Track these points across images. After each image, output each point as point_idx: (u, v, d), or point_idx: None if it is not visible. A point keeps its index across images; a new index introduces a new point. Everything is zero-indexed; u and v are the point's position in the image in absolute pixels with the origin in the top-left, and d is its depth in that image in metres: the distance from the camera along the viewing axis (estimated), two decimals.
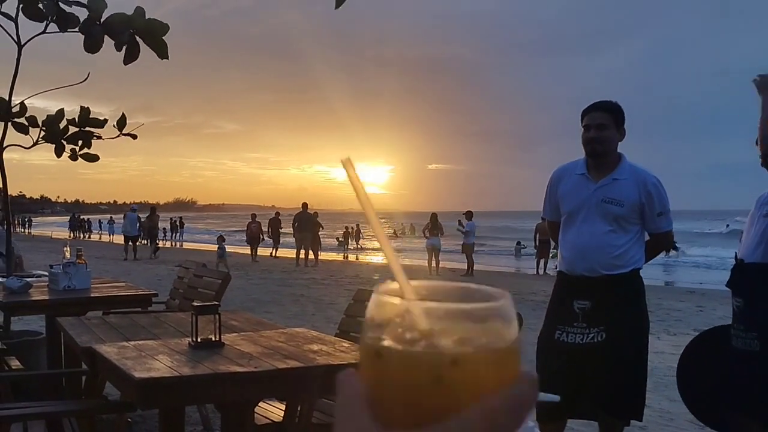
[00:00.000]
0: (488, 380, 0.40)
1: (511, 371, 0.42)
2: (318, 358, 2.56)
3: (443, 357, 0.40)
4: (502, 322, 0.42)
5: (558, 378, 3.47)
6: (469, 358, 0.40)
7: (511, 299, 0.43)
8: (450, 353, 0.40)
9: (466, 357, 0.40)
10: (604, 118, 3.53)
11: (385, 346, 0.41)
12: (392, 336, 0.41)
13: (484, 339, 0.41)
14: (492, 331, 0.41)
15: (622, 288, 3.51)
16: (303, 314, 10.65)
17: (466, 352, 0.40)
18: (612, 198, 3.50)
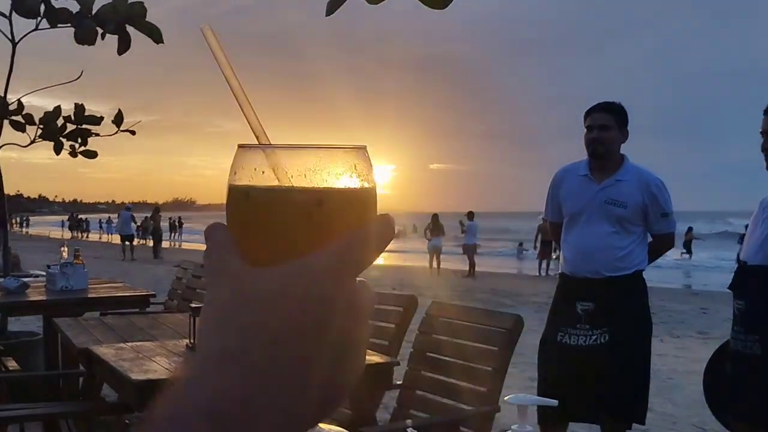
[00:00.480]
0: (349, 219, 0.43)
1: (371, 213, 0.45)
2: None
3: (309, 195, 0.42)
4: (361, 169, 0.45)
5: (560, 380, 3.45)
6: (333, 197, 0.43)
7: (366, 153, 0.46)
8: (315, 192, 0.43)
9: (330, 196, 0.43)
10: (606, 119, 3.50)
11: (253, 187, 0.43)
12: (258, 179, 0.44)
13: (344, 182, 0.44)
14: (350, 175, 0.44)
15: (625, 290, 3.49)
16: None
17: (330, 192, 0.43)
18: (615, 199, 3.47)
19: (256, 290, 0.40)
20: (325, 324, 0.39)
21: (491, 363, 2.92)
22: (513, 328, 2.96)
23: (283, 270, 0.40)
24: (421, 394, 3.17)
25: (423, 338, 3.31)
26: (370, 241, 0.42)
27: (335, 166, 0.44)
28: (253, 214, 0.43)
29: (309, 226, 0.42)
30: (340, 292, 0.40)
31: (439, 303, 3.47)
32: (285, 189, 0.43)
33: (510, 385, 6.11)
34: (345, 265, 0.41)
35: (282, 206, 0.42)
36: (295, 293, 0.39)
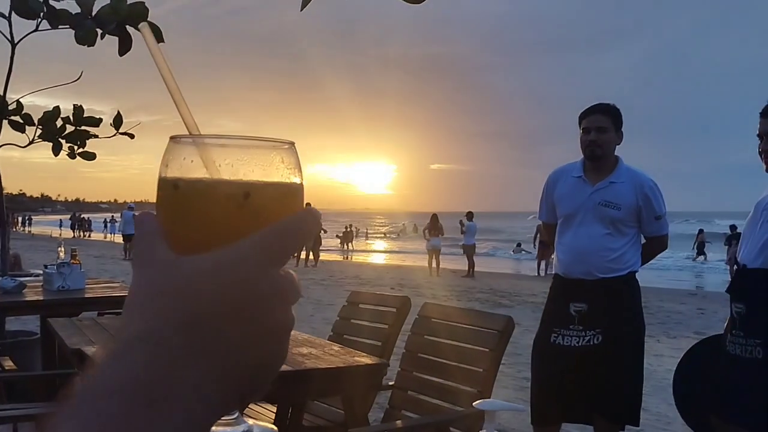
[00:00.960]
0: (276, 212, 0.44)
1: (296, 206, 0.46)
2: (306, 362, 2.54)
3: (236, 187, 0.44)
4: (288, 163, 0.46)
5: (554, 381, 3.47)
6: (260, 190, 0.44)
7: (294, 148, 0.47)
8: (242, 185, 0.44)
9: (257, 189, 0.44)
10: (603, 121, 3.51)
11: (182, 178, 0.44)
12: (187, 170, 0.44)
13: (272, 175, 0.45)
14: (277, 169, 0.45)
15: (618, 291, 3.49)
16: (301, 315, 10.62)
17: (257, 185, 0.44)
18: (609, 201, 3.48)
19: (177, 276, 0.40)
20: (243, 311, 0.40)
21: (483, 364, 2.94)
22: (504, 329, 2.98)
23: (205, 257, 0.41)
24: (413, 394, 3.19)
25: (415, 339, 3.33)
26: (294, 232, 0.43)
27: (264, 159, 0.45)
28: (181, 204, 0.44)
29: (236, 217, 0.43)
30: (261, 280, 0.41)
31: (432, 304, 3.49)
32: (213, 180, 0.44)
33: (507, 386, 6.18)
34: (267, 255, 0.41)
35: (209, 197, 0.43)
36: (214, 280, 0.40)
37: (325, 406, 3.46)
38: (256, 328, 0.41)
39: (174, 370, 0.38)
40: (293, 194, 0.46)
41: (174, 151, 0.46)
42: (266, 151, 0.45)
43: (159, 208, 0.46)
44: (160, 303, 0.40)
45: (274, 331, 0.42)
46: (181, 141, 0.46)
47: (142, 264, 0.43)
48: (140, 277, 0.42)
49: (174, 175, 0.45)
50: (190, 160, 0.44)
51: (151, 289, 0.41)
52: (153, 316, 0.40)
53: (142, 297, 0.41)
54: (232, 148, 0.45)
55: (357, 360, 2.67)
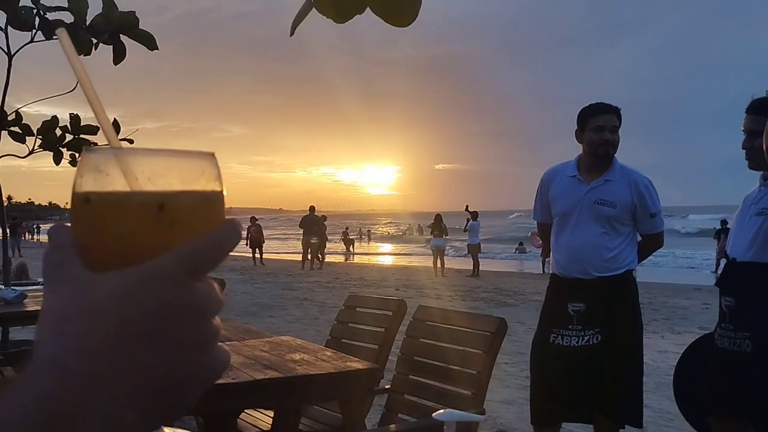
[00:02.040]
0: (193, 223, 0.43)
1: (216, 218, 0.44)
2: (298, 368, 2.55)
3: (150, 198, 0.42)
4: (208, 174, 0.44)
5: (554, 381, 3.46)
6: (175, 201, 0.42)
7: (215, 159, 0.45)
8: (156, 195, 0.42)
9: (172, 199, 0.42)
10: (616, 121, 3.53)
11: (93, 192, 0.42)
12: (100, 183, 0.42)
13: (188, 186, 0.43)
14: (196, 180, 0.44)
15: (615, 289, 3.49)
16: (306, 318, 10.64)
17: (172, 195, 0.42)
18: (604, 199, 3.48)
19: (89, 298, 0.39)
20: (160, 330, 0.39)
21: (477, 366, 2.94)
22: (498, 330, 2.98)
23: (121, 276, 0.40)
24: (409, 398, 3.19)
25: (410, 342, 3.33)
26: (213, 245, 0.42)
27: (181, 170, 0.43)
28: (94, 218, 0.42)
29: (151, 230, 0.41)
30: (179, 296, 0.40)
31: (426, 307, 3.49)
32: (125, 192, 0.42)
33: (509, 385, 6.18)
34: (185, 270, 0.40)
35: (122, 210, 0.42)
36: (128, 301, 0.39)
37: (324, 411, 3.47)
38: (176, 345, 0.40)
39: (90, 394, 0.38)
40: (212, 204, 0.44)
41: (87, 163, 0.44)
42: (184, 161, 0.44)
43: (73, 222, 0.44)
44: (72, 327, 0.39)
45: (197, 346, 0.41)
46: (94, 152, 0.44)
47: (54, 281, 0.41)
48: (52, 295, 0.41)
49: (86, 188, 0.43)
50: (104, 172, 0.43)
51: (64, 310, 0.40)
52: (65, 340, 0.39)
53: (54, 318, 0.40)
54: (147, 158, 0.43)
55: (349, 365, 2.68)
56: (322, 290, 14.99)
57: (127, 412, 0.38)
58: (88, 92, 0.47)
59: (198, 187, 0.44)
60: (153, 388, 0.40)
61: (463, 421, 1.43)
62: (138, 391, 0.39)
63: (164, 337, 0.40)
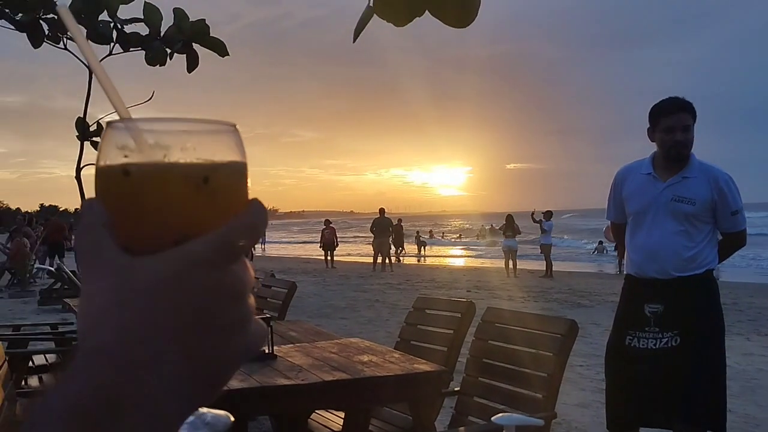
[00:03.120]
0: (230, 197, 0.42)
1: (247, 192, 0.43)
2: (365, 370, 2.56)
3: (196, 170, 0.40)
4: (238, 143, 0.43)
5: (630, 384, 3.37)
6: (219, 172, 0.41)
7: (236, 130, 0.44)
8: (202, 167, 0.41)
9: (216, 171, 0.41)
10: (688, 120, 3.39)
11: (133, 163, 0.40)
12: (138, 155, 0.40)
13: (227, 157, 0.42)
14: (232, 151, 0.43)
15: (695, 290, 3.36)
16: (377, 319, 10.70)
17: (216, 167, 0.41)
18: (683, 196, 3.36)
19: (132, 284, 0.39)
20: (203, 314, 0.40)
21: (547, 369, 2.89)
22: (568, 333, 2.92)
23: (159, 261, 0.40)
24: (479, 400, 3.17)
25: (479, 344, 3.31)
26: (249, 227, 0.42)
27: (216, 141, 0.42)
28: (133, 193, 0.40)
29: (192, 203, 0.40)
30: (218, 281, 0.40)
31: (494, 309, 3.46)
32: (169, 164, 0.40)
33: (584, 388, 6.05)
34: (223, 254, 0.41)
35: (166, 182, 0.40)
36: (171, 286, 0.39)
37: (394, 412, 3.48)
38: (217, 328, 0.40)
39: (136, 383, 0.38)
40: (246, 176, 0.44)
41: (114, 136, 0.41)
42: (217, 131, 0.42)
43: (105, 197, 0.42)
44: (116, 315, 0.39)
45: (236, 327, 0.42)
46: (123, 126, 0.42)
47: (91, 265, 0.41)
48: (91, 282, 0.41)
49: (123, 160, 0.40)
50: (138, 144, 0.40)
51: (105, 299, 0.40)
52: (109, 328, 0.39)
53: (95, 307, 0.40)
54: (182, 129, 0.41)
55: (417, 368, 2.68)
56: (393, 292, 15.04)
57: (173, 397, 0.39)
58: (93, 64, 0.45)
59: (236, 158, 0.43)
60: (197, 373, 0.40)
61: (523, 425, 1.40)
62: (184, 376, 0.40)
63: (206, 321, 0.40)
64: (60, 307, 11.00)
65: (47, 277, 14.65)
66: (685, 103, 3.45)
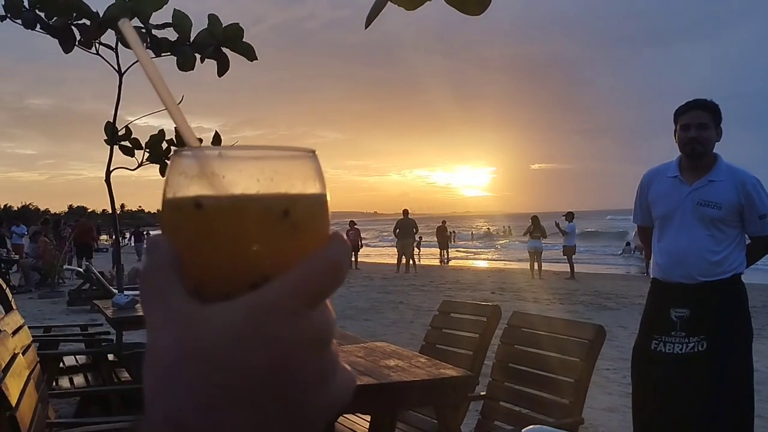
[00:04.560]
0: (311, 231, 0.38)
1: (328, 224, 0.40)
2: (392, 375, 2.57)
3: (276, 202, 0.37)
4: (319, 173, 0.40)
5: (657, 389, 3.34)
6: (300, 205, 0.38)
7: (316, 156, 0.40)
8: (282, 199, 0.37)
9: (297, 204, 0.38)
10: (704, 117, 3.37)
11: (205, 195, 0.37)
12: (210, 185, 0.37)
13: (307, 187, 0.39)
14: (311, 181, 0.39)
15: (722, 295, 3.33)
16: (401, 321, 10.69)
17: (296, 199, 0.38)
18: (708, 200, 3.33)
19: (201, 337, 0.35)
20: (281, 369, 0.36)
21: (574, 374, 2.88)
22: (595, 338, 2.90)
23: (232, 310, 0.36)
24: (504, 405, 3.16)
25: (505, 348, 3.30)
26: (330, 267, 0.38)
27: (296, 170, 0.39)
28: (205, 228, 0.37)
29: (272, 239, 0.37)
30: (298, 330, 0.36)
31: (520, 313, 3.45)
32: (246, 195, 0.37)
33: (611, 392, 5.99)
34: (303, 300, 0.36)
35: (242, 216, 0.37)
36: (245, 340, 0.35)
37: (420, 416, 3.49)
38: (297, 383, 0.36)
39: None
40: (327, 208, 0.40)
41: (187, 165, 0.38)
42: (295, 159, 0.39)
43: (174, 232, 0.38)
44: (184, 376, 0.35)
45: (319, 378, 0.38)
46: (194, 154, 0.39)
47: (157, 313, 0.37)
48: (157, 333, 0.37)
49: (196, 192, 0.37)
50: (210, 174, 0.37)
51: (172, 354, 0.36)
52: (177, 391, 0.35)
53: (162, 364, 0.36)
54: (256, 158, 0.38)
55: (443, 372, 2.68)
56: (417, 294, 15.02)
57: None
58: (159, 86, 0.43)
59: (316, 189, 0.39)
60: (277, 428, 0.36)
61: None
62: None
63: (284, 377, 0.36)
64: (88, 308, 11.15)
65: (75, 278, 14.86)
66: (703, 102, 3.44)
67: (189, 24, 5.16)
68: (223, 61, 5.20)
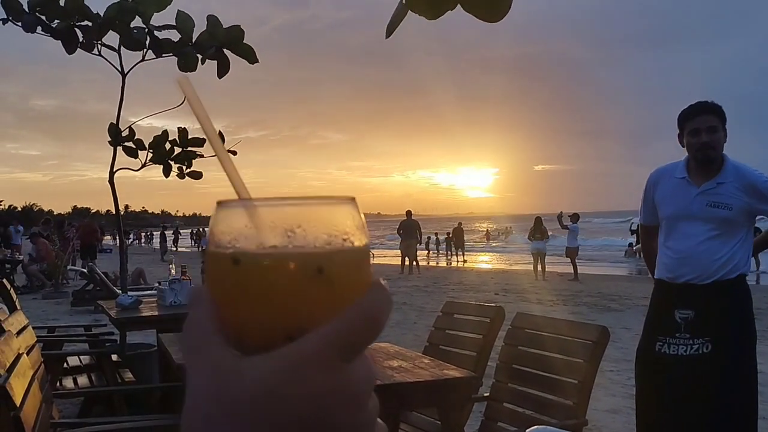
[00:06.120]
0: (349, 285, 0.38)
1: (368, 275, 0.40)
2: (395, 375, 2.57)
3: (309, 259, 0.37)
4: (358, 224, 0.40)
5: (661, 391, 3.33)
6: (335, 261, 0.38)
7: (354, 202, 0.41)
8: (316, 257, 0.38)
9: (332, 260, 0.38)
10: (713, 121, 3.36)
11: (243, 251, 0.38)
12: (247, 241, 0.38)
13: (344, 241, 0.39)
14: (349, 234, 0.39)
15: (727, 296, 3.32)
16: (405, 322, 10.68)
17: (331, 255, 0.38)
18: (718, 202, 3.32)
19: (237, 390, 0.36)
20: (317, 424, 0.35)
21: (578, 375, 2.87)
22: (599, 339, 2.90)
23: (268, 363, 0.36)
24: (508, 406, 3.16)
25: (509, 350, 3.30)
26: (368, 319, 0.38)
27: (333, 223, 0.39)
28: (243, 283, 0.38)
29: (307, 297, 0.37)
30: (334, 384, 0.36)
31: (524, 314, 3.45)
32: (281, 253, 0.38)
33: (615, 393, 5.98)
34: (339, 353, 0.36)
35: (277, 273, 0.37)
36: (280, 393, 0.35)
37: (423, 417, 3.48)
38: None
39: None
40: (366, 262, 0.40)
41: (227, 218, 0.40)
42: (333, 210, 0.40)
43: (213, 285, 0.39)
44: (221, 427, 0.36)
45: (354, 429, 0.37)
46: (233, 206, 0.40)
47: (196, 363, 0.38)
48: (195, 382, 0.37)
49: (232, 247, 0.38)
50: (248, 228, 0.38)
51: (208, 405, 0.36)
52: None
53: (199, 414, 0.37)
54: (293, 210, 0.39)
55: (446, 374, 2.68)
56: (421, 294, 15.01)
57: None
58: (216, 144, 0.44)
59: (354, 241, 0.40)
60: None
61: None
62: None
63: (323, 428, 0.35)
64: (92, 308, 11.18)
65: (79, 279, 14.89)
66: (711, 106, 3.42)
67: (192, 25, 5.17)
68: (224, 63, 5.21)
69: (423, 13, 1.41)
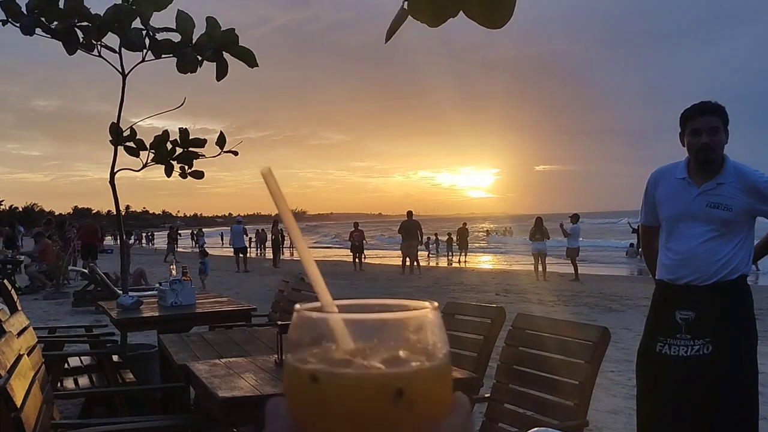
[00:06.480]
0: (429, 404, 0.38)
1: (448, 395, 0.39)
2: None
3: (389, 381, 0.37)
4: (437, 337, 0.39)
5: (662, 393, 3.33)
6: (416, 383, 0.37)
7: (436, 309, 0.40)
8: (397, 377, 0.37)
9: (413, 382, 0.37)
10: (715, 121, 3.34)
11: (321, 369, 0.37)
12: (326, 356, 0.38)
13: (425, 359, 0.38)
14: (430, 350, 0.39)
15: (728, 297, 3.32)
16: None
17: (410, 376, 0.37)
18: (718, 203, 3.31)
19: None
20: None
21: (578, 376, 2.86)
22: (600, 340, 2.89)
23: None
24: (509, 407, 3.15)
25: (509, 351, 3.29)
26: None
27: (414, 336, 0.38)
28: (322, 401, 0.37)
29: (385, 416, 0.37)
30: None
31: (525, 315, 3.44)
32: (360, 375, 0.37)
33: (616, 394, 5.97)
34: None
35: (356, 394, 0.37)
36: None
37: None
38: None
39: None
40: (447, 379, 0.39)
41: (307, 329, 0.39)
42: (414, 321, 0.39)
43: (292, 399, 0.39)
44: None
45: None
46: (314, 317, 0.39)
47: None
48: None
49: (312, 364, 0.38)
50: (331, 343, 0.38)
51: None
52: None
53: None
54: (375, 324, 0.39)
55: None
56: (422, 295, 14.99)
57: None
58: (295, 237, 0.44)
59: (434, 357, 0.39)
60: None
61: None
62: None
63: None
64: (93, 309, 11.17)
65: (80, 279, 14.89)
66: (712, 106, 3.41)
67: (192, 26, 5.17)
68: (222, 65, 5.21)
69: (425, 20, 1.41)
